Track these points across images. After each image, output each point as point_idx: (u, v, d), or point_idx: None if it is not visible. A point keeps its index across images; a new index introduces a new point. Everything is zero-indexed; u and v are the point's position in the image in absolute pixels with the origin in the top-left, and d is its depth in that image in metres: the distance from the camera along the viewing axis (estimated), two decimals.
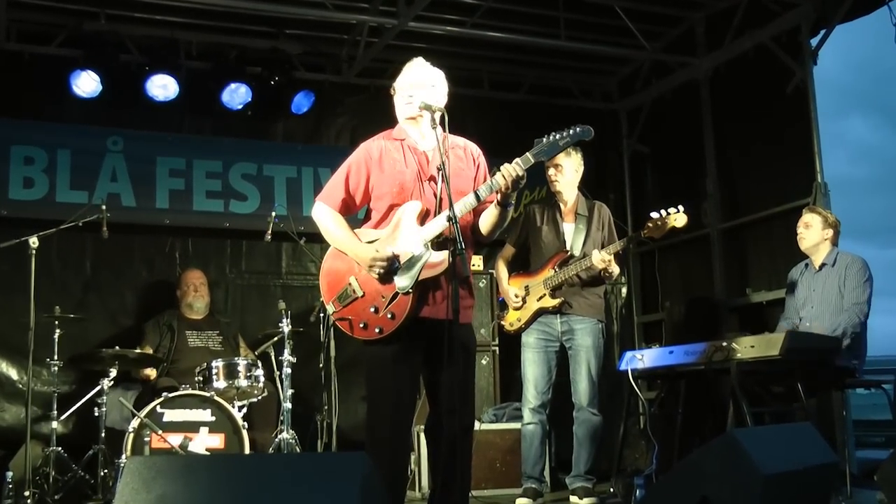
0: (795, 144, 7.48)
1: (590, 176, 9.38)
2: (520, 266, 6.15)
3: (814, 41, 7.41)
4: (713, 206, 8.37)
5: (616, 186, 9.50)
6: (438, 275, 3.98)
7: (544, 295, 5.80)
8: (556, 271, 5.79)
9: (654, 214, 5.70)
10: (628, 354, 6.12)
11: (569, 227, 5.95)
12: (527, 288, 5.88)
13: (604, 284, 5.98)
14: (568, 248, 5.87)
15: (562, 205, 5.99)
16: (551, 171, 6.02)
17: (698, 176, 8.50)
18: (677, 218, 5.65)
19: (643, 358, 5.98)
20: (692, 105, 8.61)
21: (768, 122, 7.82)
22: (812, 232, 6.01)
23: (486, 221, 4.15)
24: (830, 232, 5.98)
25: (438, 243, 4.02)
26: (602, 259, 5.66)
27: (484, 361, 7.37)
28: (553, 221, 5.94)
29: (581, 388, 5.80)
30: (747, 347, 5.37)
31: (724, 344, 5.47)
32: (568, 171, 6.00)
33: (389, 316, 3.98)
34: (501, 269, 6.09)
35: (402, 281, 3.98)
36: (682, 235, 8.78)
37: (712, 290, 8.31)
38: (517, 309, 5.91)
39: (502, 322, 6.03)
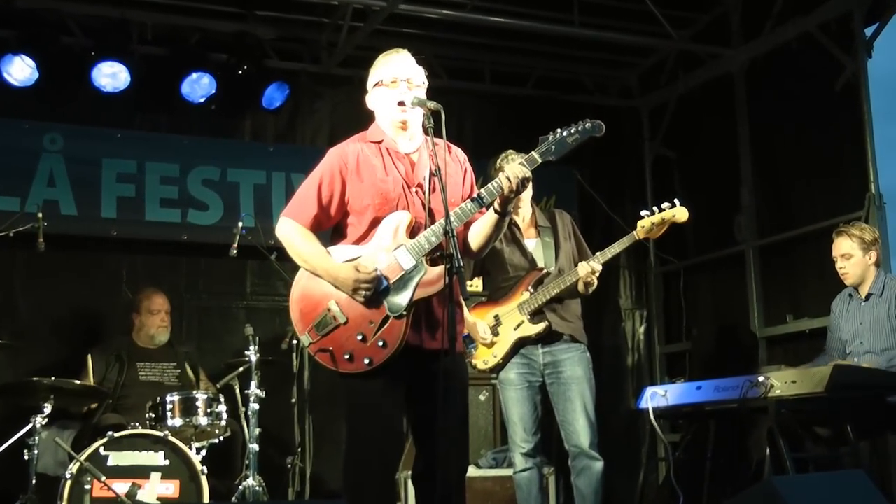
0: (845, 149, 7.51)
1: (606, 184, 9.55)
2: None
3: (868, 30, 7.46)
4: (749, 220, 8.40)
5: (636, 196, 9.52)
6: (431, 296, 3.99)
7: (523, 322, 5.71)
8: (531, 293, 5.73)
9: (645, 212, 5.68)
10: (649, 390, 6.11)
11: (532, 243, 5.88)
12: (496, 318, 5.81)
13: (579, 301, 5.93)
14: (541, 265, 5.84)
15: (518, 220, 5.94)
16: None
17: (732, 184, 8.54)
18: (676, 212, 5.63)
19: (666, 394, 5.97)
20: (725, 103, 8.65)
21: (814, 124, 7.86)
22: (854, 263, 5.95)
23: (481, 233, 4.15)
24: (873, 254, 5.95)
25: (433, 259, 4.03)
26: (592, 270, 5.63)
27: (482, 397, 7.37)
28: (514, 240, 5.85)
29: (579, 427, 5.67)
30: (788, 383, 5.37)
31: (761, 379, 5.47)
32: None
33: (381, 344, 3.97)
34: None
35: (395, 302, 3.97)
36: (712, 253, 8.89)
37: (747, 317, 8.32)
38: (488, 344, 5.86)
39: (472, 361, 5.93)
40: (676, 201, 5.57)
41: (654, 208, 5.60)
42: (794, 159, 8.09)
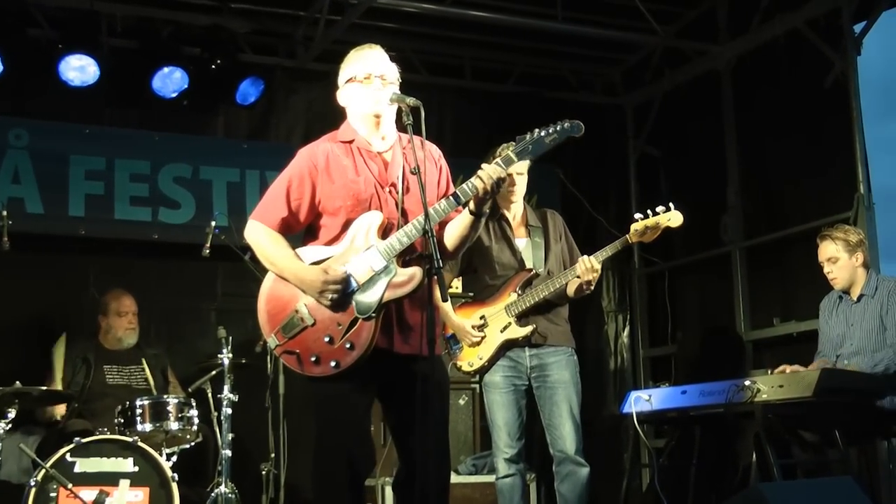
0: (834, 149, 7.54)
1: (589, 184, 9.56)
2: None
3: (857, 27, 7.49)
4: (735, 220, 8.43)
5: (620, 196, 9.55)
6: (403, 298, 3.99)
7: (509, 324, 5.71)
8: (519, 294, 5.74)
9: (639, 215, 5.69)
10: (633, 395, 6.12)
11: (522, 243, 5.88)
12: (483, 318, 5.80)
13: (567, 307, 5.94)
14: (530, 265, 5.87)
15: (509, 217, 5.91)
16: (508, 179, 5.84)
17: (718, 184, 8.57)
18: (671, 217, 5.64)
19: (651, 399, 5.99)
20: (711, 100, 8.68)
21: (802, 122, 7.89)
22: (841, 267, 5.99)
23: (455, 234, 4.14)
24: (860, 255, 5.98)
25: (405, 260, 4.02)
26: (591, 268, 5.61)
27: (462, 401, 7.37)
28: (504, 238, 5.85)
29: (565, 433, 5.65)
30: (775, 387, 5.39)
31: (748, 383, 5.49)
32: (524, 180, 5.96)
33: (348, 346, 3.96)
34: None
35: (364, 303, 3.97)
36: (697, 254, 8.91)
37: (733, 320, 8.36)
38: (475, 345, 5.89)
39: (456, 362, 5.93)
40: (671, 205, 5.57)
41: (648, 212, 5.60)
42: (781, 158, 8.12)
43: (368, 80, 4.15)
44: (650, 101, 9.36)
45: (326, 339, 3.99)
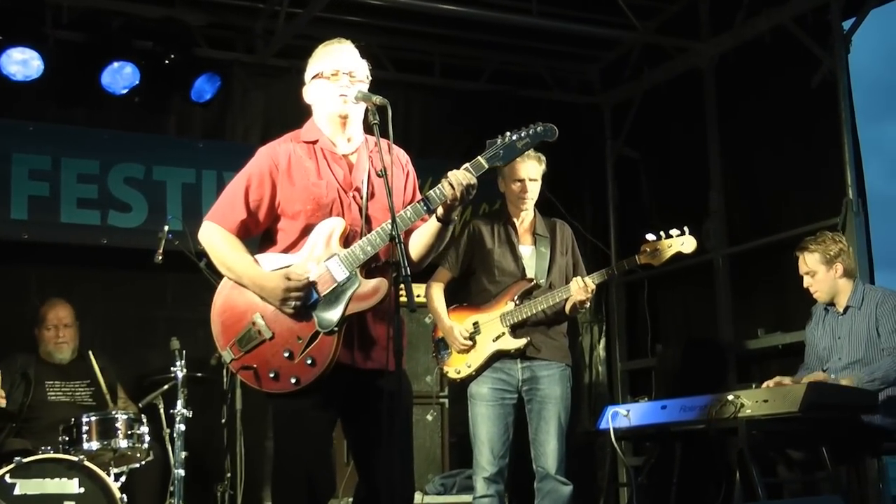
0: (822, 151, 7.59)
1: (564, 187, 9.55)
2: (454, 296, 6.03)
3: (846, 24, 7.54)
4: (718, 226, 8.46)
5: (597, 201, 9.57)
6: (367, 310, 3.98)
7: (503, 334, 5.72)
8: (516, 304, 5.74)
9: (651, 236, 5.71)
10: (610, 410, 6.13)
11: (527, 251, 5.89)
12: (476, 325, 5.81)
13: (566, 322, 5.97)
14: (531, 275, 5.87)
15: (516, 222, 5.94)
16: (519, 185, 5.85)
17: (700, 188, 8.60)
18: (684, 242, 5.68)
19: (628, 414, 6.00)
20: (693, 100, 8.71)
21: (788, 123, 7.94)
22: (820, 280, 6.01)
23: (422, 242, 4.13)
24: (839, 266, 5.98)
25: (369, 270, 4.01)
26: (587, 288, 5.64)
27: (429, 417, 7.36)
28: (507, 242, 5.87)
29: (549, 450, 5.72)
30: (759, 402, 5.41)
31: (731, 398, 5.50)
32: (537, 186, 5.95)
33: (309, 362, 3.95)
34: (438, 299, 5.92)
35: (326, 316, 3.95)
36: (678, 262, 8.87)
37: (716, 331, 8.39)
38: (464, 351, 5.87)
39: (444, 368, 5.94)
40: (686, 229, 5.60)
41: (662, 233, 5.64)
42: (767, 161, 8.16)
43: (336, 77, 4.13)
44: (629, 100, 9.38)
45: (286, 354, 3.97)
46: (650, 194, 9.29)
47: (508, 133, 4.04)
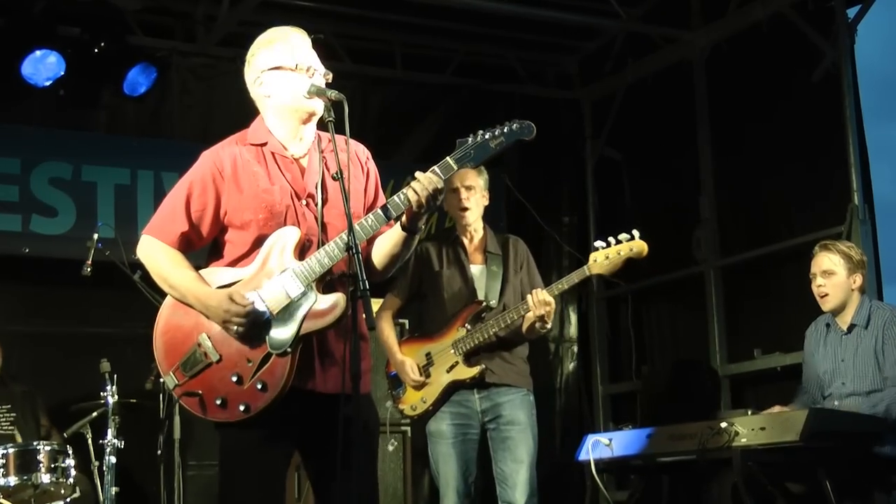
0: (825, 153, 7.64)
1: (540, 191, 9.58)
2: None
3: (851, 11, 7.61)
4: (709, 235, 8.50)
5: (575, 206, 9.60)
6: (326, 328, 3.97)
7: (457, 363, 5.77)
8: (468, 330, 5.79)
9: (600, 243, 5.74)
10: (590, 439, 6.15)
11: (478, 270, 5.96)
12: (428, 356, 5.86)
13: (526, 343, 6.00)
14: (481, 297, 5.90)
15: (466, 241, 5.99)
16: (454, 195, 5.91)
17: (690, 193, 8.64)
18: (633, 247, 5.70)
19: (611, 444, 6.01)
20: (682, 95, 8.76)
21: (787, 122, 7.99)
22: (837, 284, 5.95)
23: (385, 251, 4.12)
24: (858, 278, 5.97)
25: (326, 284, 4.00)
26: (542, 301, 5.66)
27: (390, 447, 7.35)
28: (457, 263, 5.93)
29: (517, 481, 5.73)
30: (755, 430, 5.43)
31: (724, 425, 5.53)
32: (479, 194, 6.00)
33: (259, 386, 3.92)
34: (387, 331, 5.99)
35: (278, 336, 3.93)
36: (666, 274, 8.96)
37: (707, 351, 8.43)
38: (418, 387, 5.91)
39: (399, 405, 5.98)
40: (635, 233, 5.62)
41: (611, 239, 5.64)
42: (763, 164, 8.20)
43: (299, 70, 4.12)
44: (611, 95, 9.42)
45: (234, 379, 3.94)
46: (634, 199, 9.32)
47: (481, 132, 4.04)
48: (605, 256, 5.65)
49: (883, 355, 5.86)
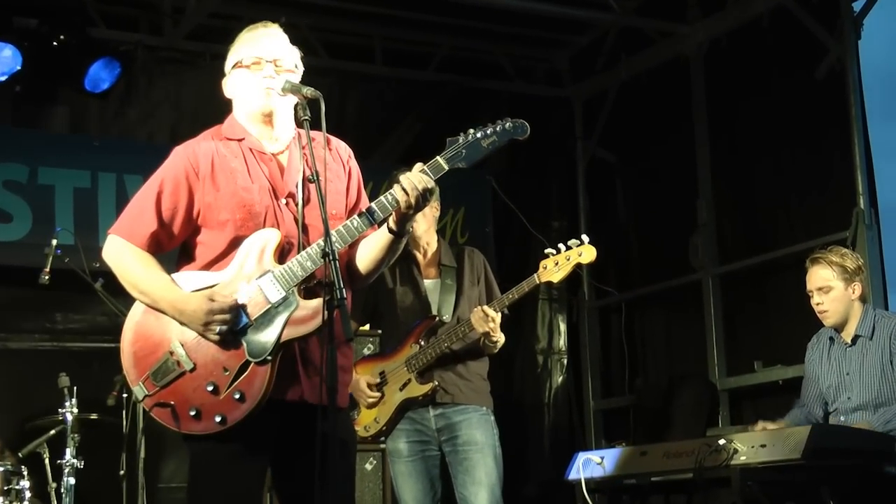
0: (829, 154, 7.67)
1: (529, 194, 9.58)
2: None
3: (857, 5, 7.62)
4: (707, 241, 8.52)
5: (565, 211, 9.61)
6: (307, 335, 3.96)
7: (409, 381, 5.84)
8: (421, 346, 5.85)
9: (550, 250, 5.78)
10: (581, 457, 6.15)
11: (431, 284, 6.02)
12: (382, 374, 5.93)
13: (485, 359, 6.03)
14: (434, 311, 5.95)
15: (418, 255, 6.05)
16: None
17: (687, 197, 8.65)
18: (582, 252, 5.73)
19: (603, 462, 6.01)
20: (679, 93, 8.78)
21: (789, 122, 8.02)
22: (835, 298, 5.94)
23: (370, 255, 4.13)
24: (857, 287, 5.97)
25: (307, 289, 4.00)
26: (486, 316, 5.72)
27: (369, 466, 7.36)
28: (409, 279, 6.00)
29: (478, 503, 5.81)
30: (755, 447, 5.43)
31: (722, 442, 5.53)
32: (434, 207, 6.05)
33: (237, 397, 3.91)
34: None
35: (257, 343, 3.92)
36: (661, 283, 8.96)
37: (704, 363, 8.44)
38: (372, 405, 5.97)
39: (355, 426, 6.02)
40: (584, 238, 5.66)
41: (561, 245, 5.69)
42: (764, 166, 8.23)
43: (258, 66, 4.11)
44: (603, 93, 9.43)
45: (209, 388, 3.93)
46: (627, 203, 9.34)
47: (472, 130, 4.05)
48: (554, 263, 5.71)
49: (892, 367, 5.87)
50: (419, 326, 5.87)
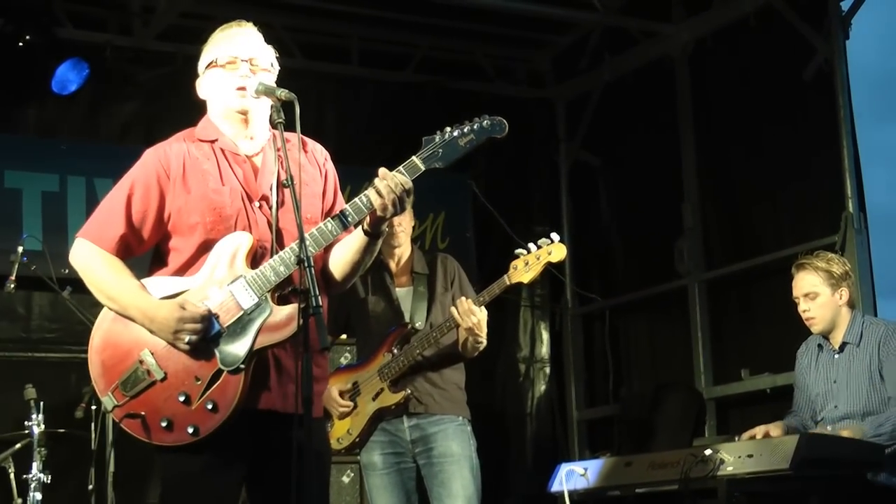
0: (817, 157, 7.69)
1: (510, 198, 9.59)
2: None
3: (845, 4, 7.65)
4: (693, 246, 8.55)
5: (547, 216, 9.62)
6: (282, 342, 3.97)
7: (382, 390, 5.84)
8: (394, 354, 5.85)
9: (520, 250, 5.79)
10: (564, 468, 6.16)
11: (403, 292, 6.03)
12: (355, 385, 5.92)
13: (461, 368, 6.03)
14: (407, 318, 5.96)
15: (391, 263, 6.06)
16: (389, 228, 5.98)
17: (672, 201, 8.68)
18: (552, 251, 5.74)
19: (586, 473, 6.02)
20: (664, 94, 8.80)
21: (776, 123, 8.05)
22: (822, 305, 5.95)
23: (346, 258, 4.13)
24: (844, 292, 5.98)
25: (281, 296, 4.00)
26: (468, 311, 5.70)
27: (345, 478, 7.36)
28: (382, 287, 6.01)
29: None
30: (742, 458, 5.45)
31: (709, 452, 5.55)
32: (409, 215, 6.06)
33: (209, 407, 3.91)
34: None
35: (230, 351, 3.92)
36: (646, 289, 8.97)
37: (690, 372, 8.47)
38: (344, 416, 5.96)
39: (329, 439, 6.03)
40: (554, 236, 5.68)
41: (531, 245, 5.70)
42: (751, 169, 8.25)
43: (233, 66, 4.12)
44: (587, 95, 9.45)
45: (181, 398, 3.93)
46: (612, 207, 9.35)
47: (448, 129, 4.05)
48: (524, 263, 5.72)
49: (881, 375, 5.88)
50: (392, 335, 5.88)
